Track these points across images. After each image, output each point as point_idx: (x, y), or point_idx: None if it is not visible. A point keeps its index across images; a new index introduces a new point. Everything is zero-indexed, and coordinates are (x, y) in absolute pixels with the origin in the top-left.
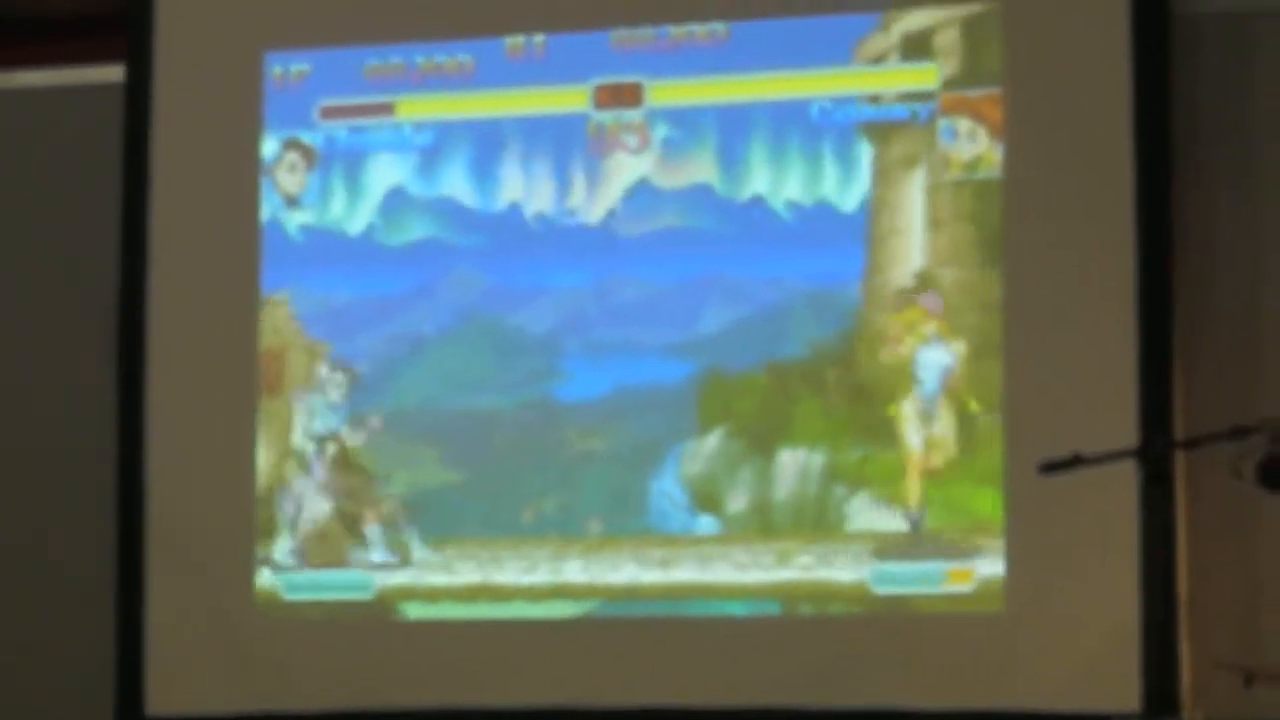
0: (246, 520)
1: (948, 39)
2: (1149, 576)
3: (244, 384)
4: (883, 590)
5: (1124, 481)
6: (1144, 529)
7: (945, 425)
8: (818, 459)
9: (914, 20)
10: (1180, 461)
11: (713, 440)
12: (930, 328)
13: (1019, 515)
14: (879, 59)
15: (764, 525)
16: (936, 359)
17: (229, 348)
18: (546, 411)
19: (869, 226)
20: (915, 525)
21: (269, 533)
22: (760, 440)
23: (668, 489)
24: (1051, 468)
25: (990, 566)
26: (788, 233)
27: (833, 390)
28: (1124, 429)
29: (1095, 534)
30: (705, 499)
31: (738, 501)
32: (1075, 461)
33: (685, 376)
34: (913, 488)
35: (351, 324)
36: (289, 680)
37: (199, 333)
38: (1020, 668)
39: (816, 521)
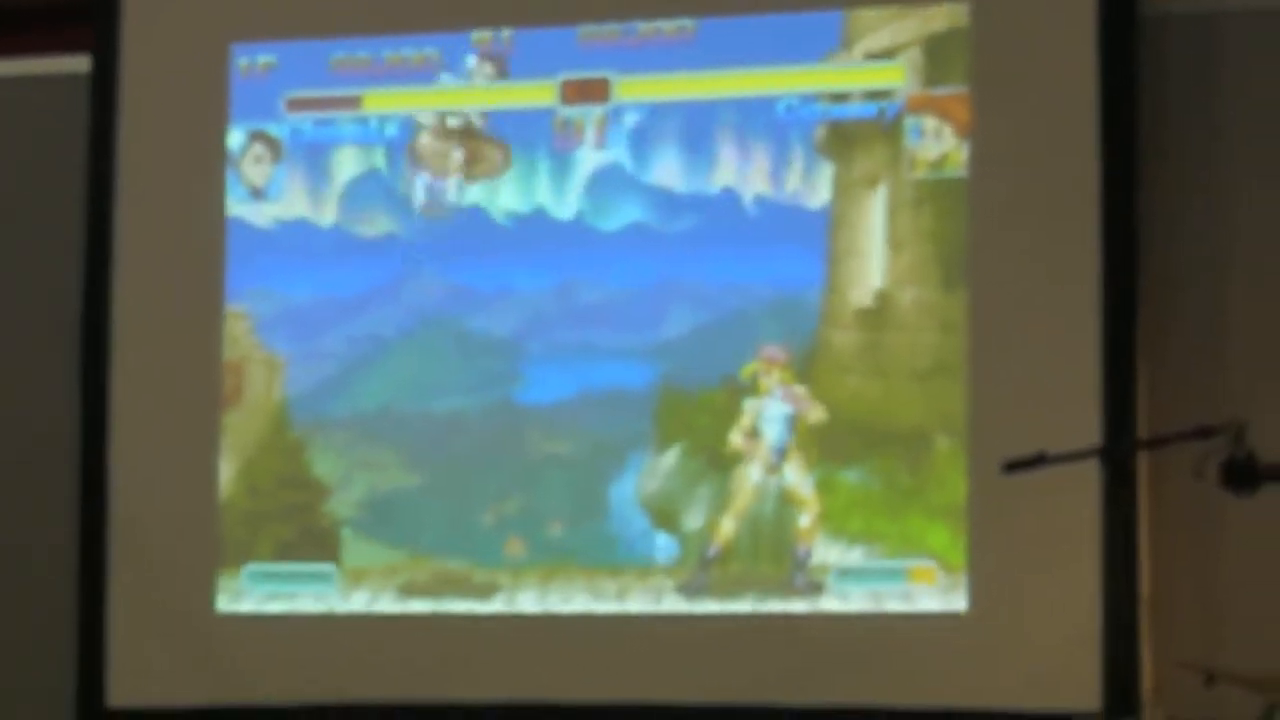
0: (208, 514)
1: (915, 37)
2: (1111, 576)
3: (207, 382)
4: (844, 589)
5: (1087, 482)
6: (1107, 529)
7: (797, 476)
8: (774, 480)
9: (882, 18)
10: (1144, 462)
11: (670, 457)
12: (773, 378)
13: (982, 515)
14: (846, 57)
15: (721, 546)
16: (780, 410)
17: (194, 341)
18: (508, 414)
19: (830, 239)
20: (867, 552)
21: None
22: (718, 458)
23: (628, 499)
24: (1015, 466)
25: (951, 567)
26: (753, 231)
27: None
28: (1088, 429)
29: (1058, 534)
30: (663, 516)
31: (694, 520)
32: (1039, 460)
33: (647, 382)
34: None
35: (311, 325)
36: (249, 673)
37: (164, 325)
38: (982, 667)
39: (775, 545)
